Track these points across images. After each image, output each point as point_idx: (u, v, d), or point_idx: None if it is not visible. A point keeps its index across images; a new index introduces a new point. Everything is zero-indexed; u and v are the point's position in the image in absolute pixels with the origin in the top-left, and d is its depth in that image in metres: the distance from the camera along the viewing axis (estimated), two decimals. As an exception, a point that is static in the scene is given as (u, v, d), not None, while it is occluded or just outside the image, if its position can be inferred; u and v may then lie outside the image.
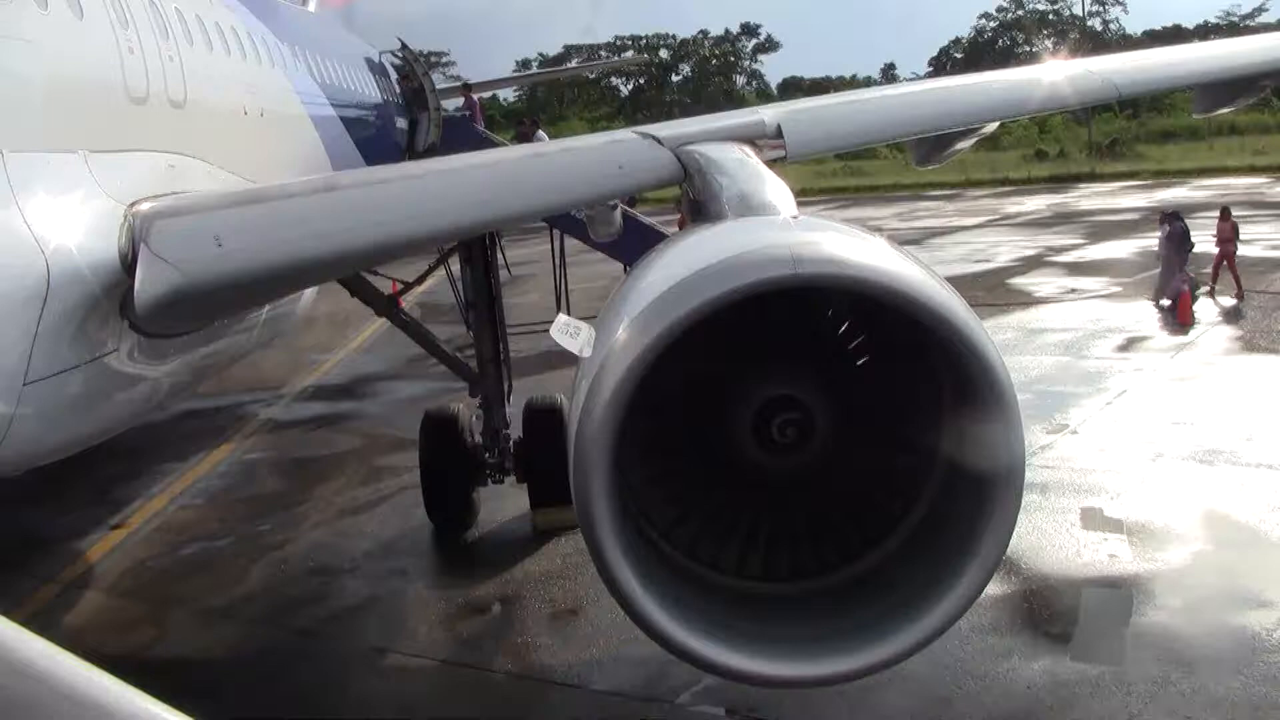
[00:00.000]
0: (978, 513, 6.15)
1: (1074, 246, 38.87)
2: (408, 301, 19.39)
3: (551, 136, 33.02)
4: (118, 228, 7.88)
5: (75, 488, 16.78)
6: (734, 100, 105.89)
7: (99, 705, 1.33)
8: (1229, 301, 27.14)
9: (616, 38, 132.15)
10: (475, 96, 34.70)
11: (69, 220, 7.55)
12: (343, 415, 22.19)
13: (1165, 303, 26.79)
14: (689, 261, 6.27)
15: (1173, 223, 28.30)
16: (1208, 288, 27.82)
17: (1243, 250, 30.34)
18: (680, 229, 12.79)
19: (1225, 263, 28.23)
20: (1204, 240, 28.93)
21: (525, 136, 31.69)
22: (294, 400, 23.79)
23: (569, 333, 6.49)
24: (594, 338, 6.40)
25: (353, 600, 12.95)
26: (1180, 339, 23.91)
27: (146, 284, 7.53)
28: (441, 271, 17.74)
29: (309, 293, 14.51)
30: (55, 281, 7.08)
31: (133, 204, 8.14)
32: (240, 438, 20.59)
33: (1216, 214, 29.31)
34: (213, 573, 13.99)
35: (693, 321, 5.89)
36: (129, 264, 7.72)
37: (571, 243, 23.49)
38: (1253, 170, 66.32)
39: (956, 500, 6.53)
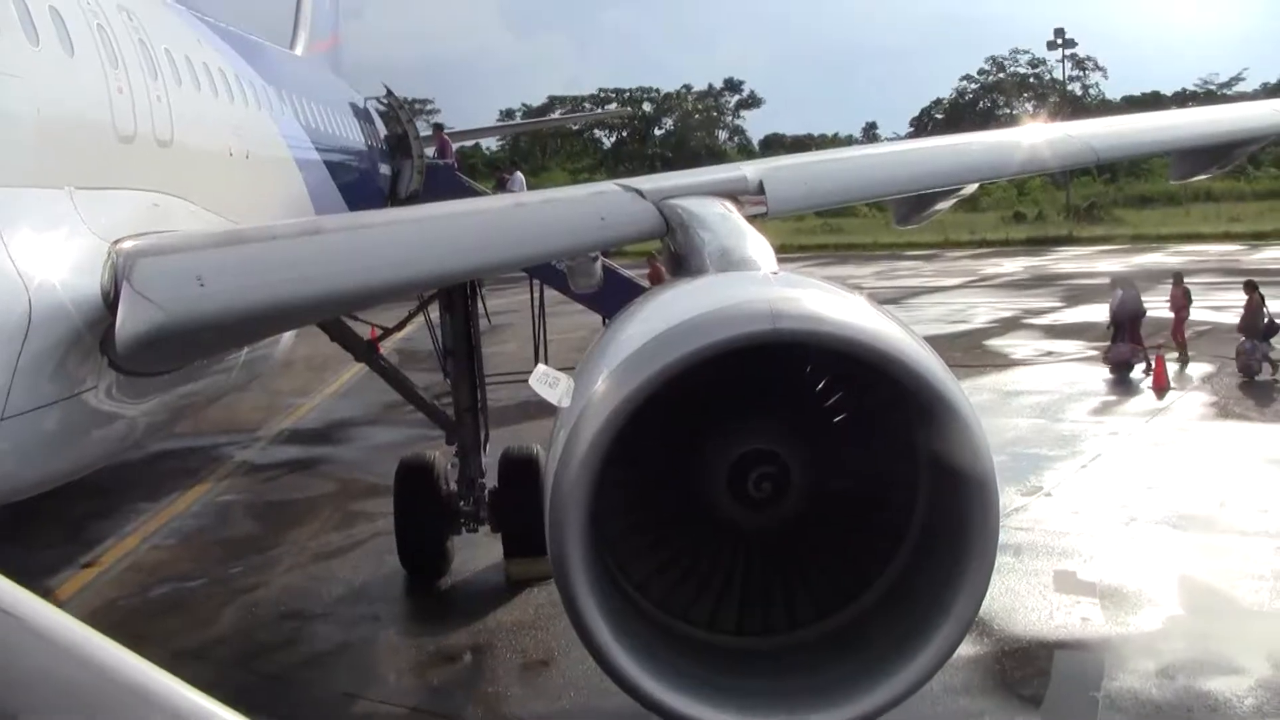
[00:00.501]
0: (952, 571, 6.16)
1: (1051, 309, 39.13)
2: (386, 348, 19.39)
3: (532, 188, 33.17)
4: (101, 264, 7.89)
5: (47, 525, 16.66)
6: (716, 155, 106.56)
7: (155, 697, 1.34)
8: (1199, 368, 27.30)
9: (600, 90, 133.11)
10: (447, 137, 34.74)
11: (53, 256, 7.55)
12: (318, 460, 22.10)
13: (1139, 366, 27.00)
14: (669, 315, 6.30)
15: (1126, 289, 28.66)
16: (1177, 355, 28.02)
17: (1218, 317, 30.68)
18: (650, 280, 12.86)
19: (1178, 328, 28.60)
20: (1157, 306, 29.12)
21: (502, 183, 31.85)
22: (269, 443, 23.71)
23: (548, 383, 6.51)
24: (573, 388, 6.42)
25: (324, 645, 12.85)
26: (1155, 404, 24.03)
27: (128, 322, 7.53)
28: (420, 319, 17.75)
29: (287, 336, 14.52)
30: (37, 317, 7.07)
31: (116, 241, 8.15)
32: (214, 479, 20.50)
33: (1189, 283, 29.49)
34: (184, 614, 13.89)
35: (671, 375, 5.91)
36: (111, 301, 7.72)
37: (550, 294, 23.57)
38: (1228, 237, 67.02)
39: (931, 559, 6.55)
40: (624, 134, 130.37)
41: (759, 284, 6.79)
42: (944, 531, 6.38)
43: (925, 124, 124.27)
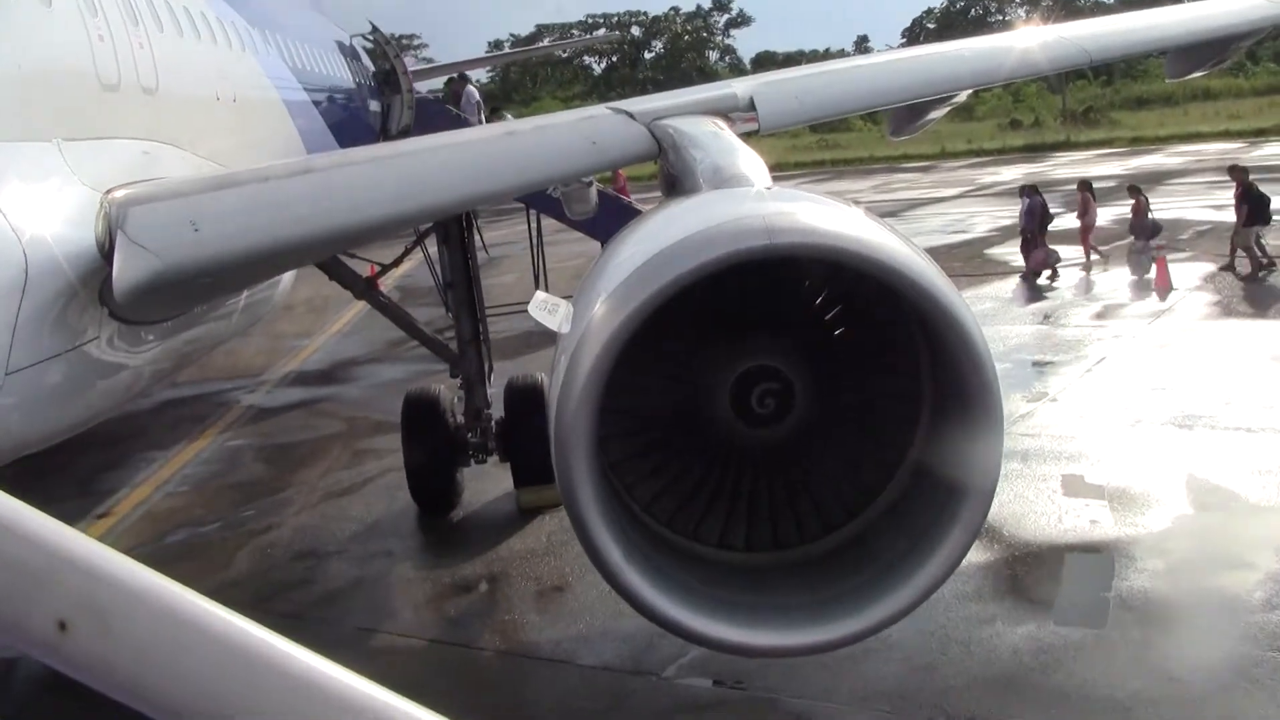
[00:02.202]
0: (958, 479, 6.17)
1: (1051, 215, 38.90)
2: (386, 284, 19.33)
3: (524, 116, 32.76)
4: (94, 215, 7.86)
5: (59, 478, 16.76)
6: (707, 76, 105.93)
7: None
8: (1203, 267, 27.22)
9: (588, 16, 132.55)
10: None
11: (45, 209, 7.52)
12: (324, 400, 22.16)
13: (1047, 274, 28.09)
14: (664, 235, 6.26)
15: (1032, 196, 29.59)
16: (1083, 261, 29.20)
17: (1218, 216, 30.57)
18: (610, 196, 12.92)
19: (1086, 233, 29.59)
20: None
21: (456, 94, 31.25)
22: (275, 386, 23.75)
23: (547, 309, 6.49)
24: (572, 314, 6.41)
25: (339, 583, 12.96)
26: (1158, 306, 24.02)
27: (125, 271, 7.52)
28: (419, 255, 17.69)
29: (287, 278, 14.48)
30: (33, 271, 7.06)
31: (108, 191, 8.12)
32: (223, 425, 20.55)
33: (1187, 182, 29.46)
34: (199, 559, 13.98)
35: (668, 295, 5.87)
36: (106, 251, 7.70)
37: (548, 222, 23.52)
38: (1227, 135, 66.62)
39: (937, 468, 6.56)
40: (614, 59, 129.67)
41: (753, 200, 6.73)
42: (949, 440, 6.38)
43: (917, 34, 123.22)
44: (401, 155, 9.81)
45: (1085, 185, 30.73)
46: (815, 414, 6.91)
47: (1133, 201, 28.81)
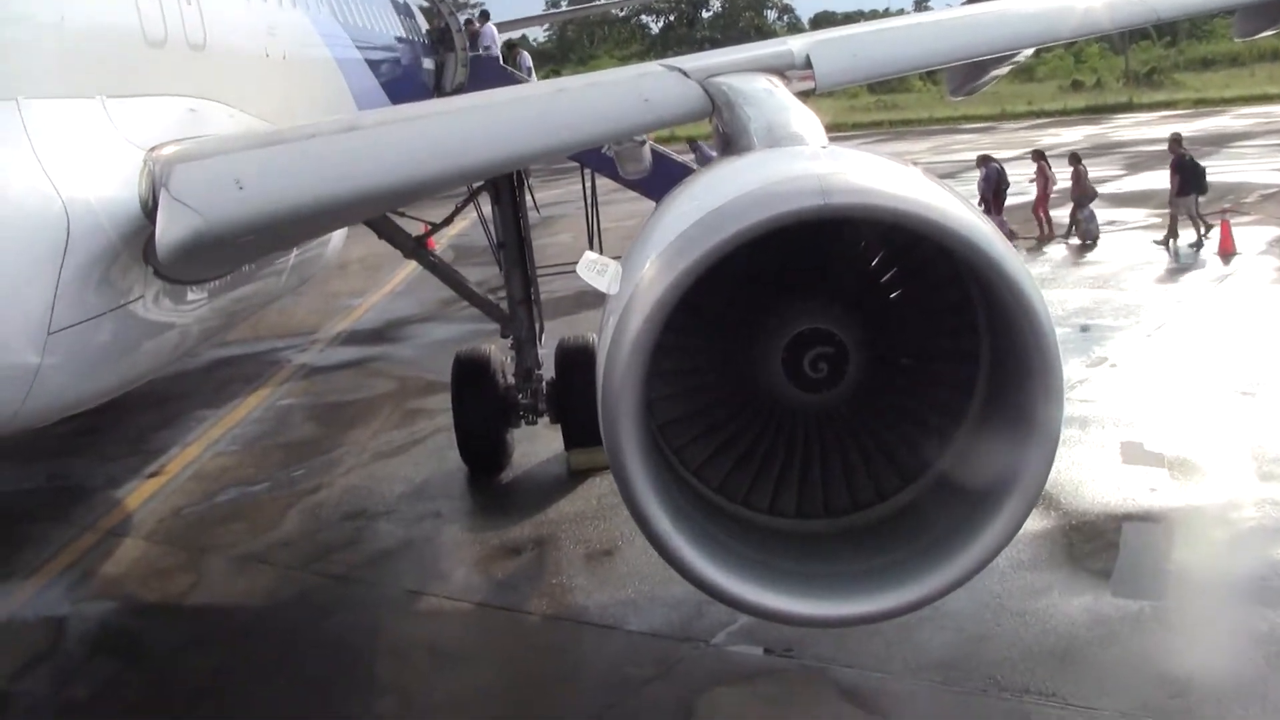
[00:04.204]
0: (1016, 446, 6.00)
1: (1113, 178, 38.34)
2: (441, 244, 19.23)
3: (581, 74, 32.48)
4: (138, 173, 7.79)
5: (111, 437, 16.86)
6: (765, 35, 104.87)
7: None
8: (1269, 231, 26.71)
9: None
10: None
11: (89, 167, 7.46)
12: (376, 359, 22.16)
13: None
14: (715, 195, 6.08)
15: (987, 165, 29.87)
16: (1039, 234, 29.43)
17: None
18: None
19: (1042, 203, 29.86)
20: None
21: (474, 33, 30.72)
22: (328, 345, 23.76)
23: (596, 270, 6.37)
24: (621, 275, 6.27)
25: (387, 544, 12.92)
26: (1220, 270, 23.60)
27: (168, 229, 7.45)
28: (473, 214, 17.57)
29: (338, 237, 14.41)
30: (76, 229, 7.00)
31: (153, 149, 8.04)
32: (274, 384, 20.58)
33: (1254, 145, 28.96)
34: (248, 519, 13.99)
35: (719, 256, 5.72)
36: (150, 209, 7.63)
37: (605, 182, 23.38)
38: (1295, 97, 65.45)
39: (994, 434, 6.38)
40: (671, 18, 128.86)
41: (807, 159, 6.54)
42: (1006, 406, 6.22)
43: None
44: (450, 112, 9.68)
45: (1040, 155, 31.11)
46: (869, 377, 6.74)
47: (1071, 170, 29.20)
